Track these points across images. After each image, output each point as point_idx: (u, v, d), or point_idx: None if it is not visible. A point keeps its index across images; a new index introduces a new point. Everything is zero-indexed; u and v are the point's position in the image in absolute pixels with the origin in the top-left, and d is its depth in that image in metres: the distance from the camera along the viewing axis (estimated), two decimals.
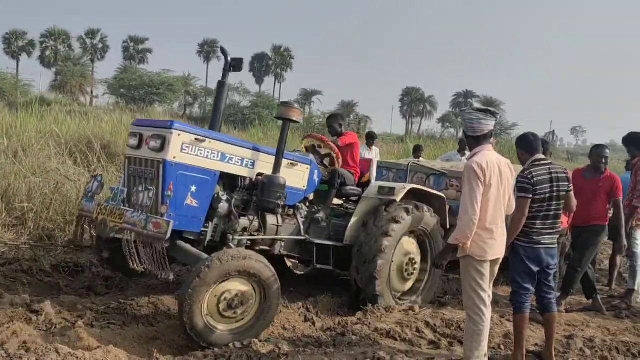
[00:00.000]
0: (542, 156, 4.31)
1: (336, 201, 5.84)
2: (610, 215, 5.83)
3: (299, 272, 6.21)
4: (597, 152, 5.79)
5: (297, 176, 5.20)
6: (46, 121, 13.19)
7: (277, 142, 4.91)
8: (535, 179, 4.05)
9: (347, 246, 5.36)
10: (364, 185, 6.12)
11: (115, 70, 50.17)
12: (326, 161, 5.92)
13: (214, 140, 4.60)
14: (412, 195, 5.56)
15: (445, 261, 3.88)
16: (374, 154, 10.60)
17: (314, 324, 4.83)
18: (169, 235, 4.04)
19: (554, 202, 4.12)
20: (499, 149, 8.53)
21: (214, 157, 4.59)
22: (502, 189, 3.79)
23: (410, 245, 5.53)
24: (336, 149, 5.87)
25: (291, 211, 5.23)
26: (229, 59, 5.19)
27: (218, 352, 3.86)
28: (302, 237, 5.17)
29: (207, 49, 66.88)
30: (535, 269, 4.12)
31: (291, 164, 5.15)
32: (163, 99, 44.09)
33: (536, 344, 4.59)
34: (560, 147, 59.40)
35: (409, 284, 5.57)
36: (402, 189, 5.47)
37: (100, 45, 61.74)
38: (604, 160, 5.72)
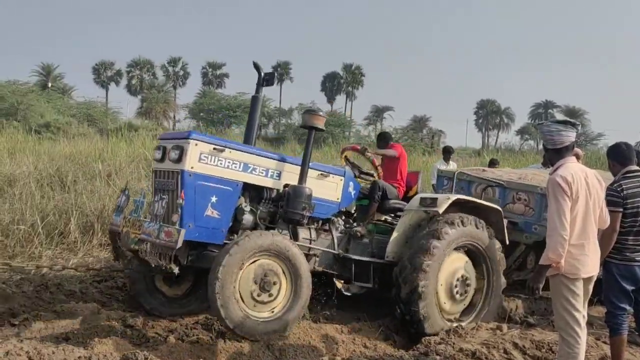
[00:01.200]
0: (636, 167, 4.07)
1: (382, 217, 5.66)
2: None
3: (347, 294, 5.82)
4: None
5: (330, 188, 5.02)
6: (135, 145, 14.00)
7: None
8: (625, 192, 3.84)
9: (389, 263, 5.04)
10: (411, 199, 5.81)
11: (195, 95, 52.91)
12: (366, 176, 5.75)
13: (234, 150, 4.53)
14: (463, 208, 5.18)
15: (541, 284, 3.57)
16: (452, 169, 10.42)
17: (394, 342, 4.78)
18: (180, 244, 4.00)
19: None
20: (585, 161, 8.10)
21: (235, 167, 4.51)
22: (591, 201, 3.58)
23: (460, 262, 5.09)
24: (374, 159, 5.74)
25: (327, 226, 5.06)
26: (263, 73, 5.18)
27: None
28: (334, 252, 4.97)
29: (280, 72, 68.59)
30: (630, 287, 3.89)
31: (322, 174, 4.99)
32: (240, 121, 45.57)
33: None
34: None
35: (462, 305, 5.15)
36: (445, 199, 5.03)
37: (181, 72, 65.08)
38: None
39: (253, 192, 4.77)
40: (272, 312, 4.27)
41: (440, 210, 4.95)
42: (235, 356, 4.17)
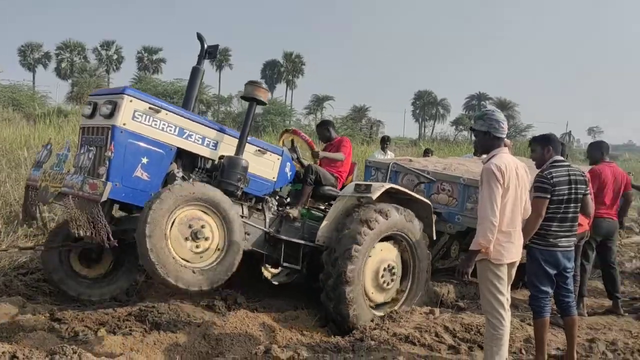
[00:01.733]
0: (561, 157, 4.29)
1: (317, 204, 5.60)
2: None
3: (274, 283, 5.85)
4: None
5: (266, 165, 4.90)
6: (64, 132, 13.39)
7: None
8: (554, 180, 4.03)
9: (319, 248, 4.98)
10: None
11: (130, 80, 50.87)
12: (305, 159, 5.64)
13: (171, 113, 4.37)
14: (394, 198, 5.19)
15: (470, 269, 3.76)
16: (389, 158, 10.58)
17: (330, 330, 4.84)
18: (105, 197, 3.83)
19: (572, 205, 4.10)
20: (514, 152, 8.44)
21: (170, 130, 4.35)
22: (519, 191, 3.76)
23: (388, 252, 5.09)
24: (310, 142, 5.69)
25: (260, 205, 4.94)
26: (206, 45, 5.02)
27: (238, 358, 3.88)
28: (266, 230, 4.86)
29: (220, 58, 67.33)
30: (552, 271, 4.10)
31: (259, 151, 4.86)
32: None
33: (558, 348, 4.55)
34: (577, 148, 58.70)
35: (387, 295, 5.12)
36: (380, 187, 5.01)
37: (115, 57, 62.61)
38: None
39: (187, 159, 4.60)
40: (207, 260, 4.09)
41: (374, 197, 4.89)
42: (171, 347, 4.09)
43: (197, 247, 4.06)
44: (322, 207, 5.64)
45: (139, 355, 3.75)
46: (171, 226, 3.92)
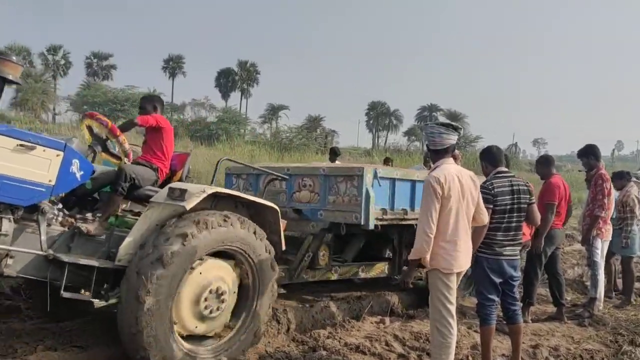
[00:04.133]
0: (505, 169, 4.42)
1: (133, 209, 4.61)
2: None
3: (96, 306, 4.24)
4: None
5: (36, 164, 3.66)
6: None
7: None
8: (495, 190, 4.14)
9: (120, 269, 3.81)
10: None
11: (78, 86, 49.60)
12: (112, 158, 4.57)
13: None
14: (238, 205, 4.35)
15: (411, 279, 3.86)
16: None
17: (288, 336, 4.79)
18: None
19: (515, 214, 4.22)
20: (463, 162, 8.65)
21: None
22: (464, 201, 3.81)
23: (216, 271, 4.05)
24: (111, 125, 4.32)
25: (35, 216, 3.76)
26: None
27: None
28: (40, 252, 3.68)
29: (172, 65, 66.44)
30: (498, 280, 4.20)
31: (23, 145, 3.58)
32: (128, 115, 43.43)
33: (503, 354, 4.66)
34: (522, 158, 60.79)
35: (214, 324, 4.08)
36: (199, 192, 3.92)
37: (62, 62, 60.67)
38: None
39: None
40: None
41: (188, 206, 3.84)
42: None
43: None
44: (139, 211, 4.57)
45: None
46: None
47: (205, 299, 3.96)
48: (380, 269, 6.17)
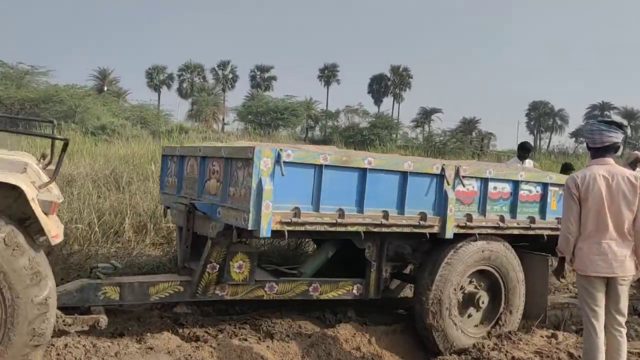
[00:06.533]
0: None
1: None
2: None
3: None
4: None
5: None
6: None
7: None
8: None
9: None
10: None
11: (244, 98, 53.67)
12: None
13: None
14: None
15: (560, 274, 4.01)
16: (526, 167, 8.44)
17: None
18: None
19: None
20: None
21: None
22: (613, 204, 3.57)
23: None
24: None
25: None
26: None
27: None
28: None
29: (327, 73, 68.80)
30: None
31: None
32: (287, 124, 46.02)
33: None
34: None
35: None
36: None
37: (230, 76, 66.17)
38: None
39: None
40: None
41: None
42: (284, 354, 4.20)
43: None
44: None
45: None
46: None
47: None
48: (346, 288, 4.61)
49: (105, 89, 48.52)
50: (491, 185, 4.74)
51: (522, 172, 4.96)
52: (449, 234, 4.48)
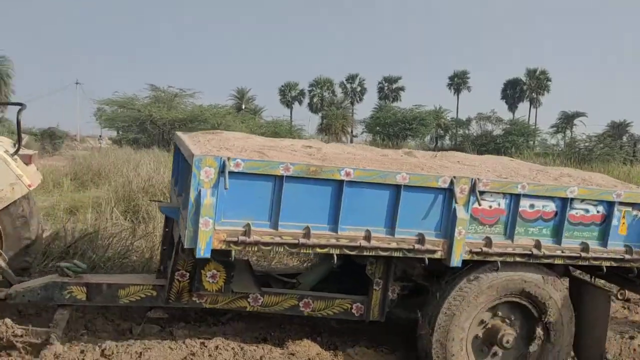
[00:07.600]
0: None
1: None
2: None
3: None
4: None
5: None
6: None
7: None
8: None
9: None
10: None
11: (372, 110, 54.16)
12: None
13: None
14: None
15: None
16: None
17: None
18: None
19: None
20: None
21: None
22: None
23: None
24: None
25: None
26: None
27: None
28: None
29: (457, 81, 67.08)
30: None
31: None
32: (416, 133, 45.67)
33: None
34: None
35: None
36: None
37: (358, 89, 67.33)
38: None
39: None
40: None
41: None
42: None
43: None
44: None
45: None
46: None
47: None
48: (343, 307, 4.15)
49: (243, 107, 51.89)
50: (525, 202, 3.84)
51: (574, 187, 3.92)
52: (455, 262, 3.67)
